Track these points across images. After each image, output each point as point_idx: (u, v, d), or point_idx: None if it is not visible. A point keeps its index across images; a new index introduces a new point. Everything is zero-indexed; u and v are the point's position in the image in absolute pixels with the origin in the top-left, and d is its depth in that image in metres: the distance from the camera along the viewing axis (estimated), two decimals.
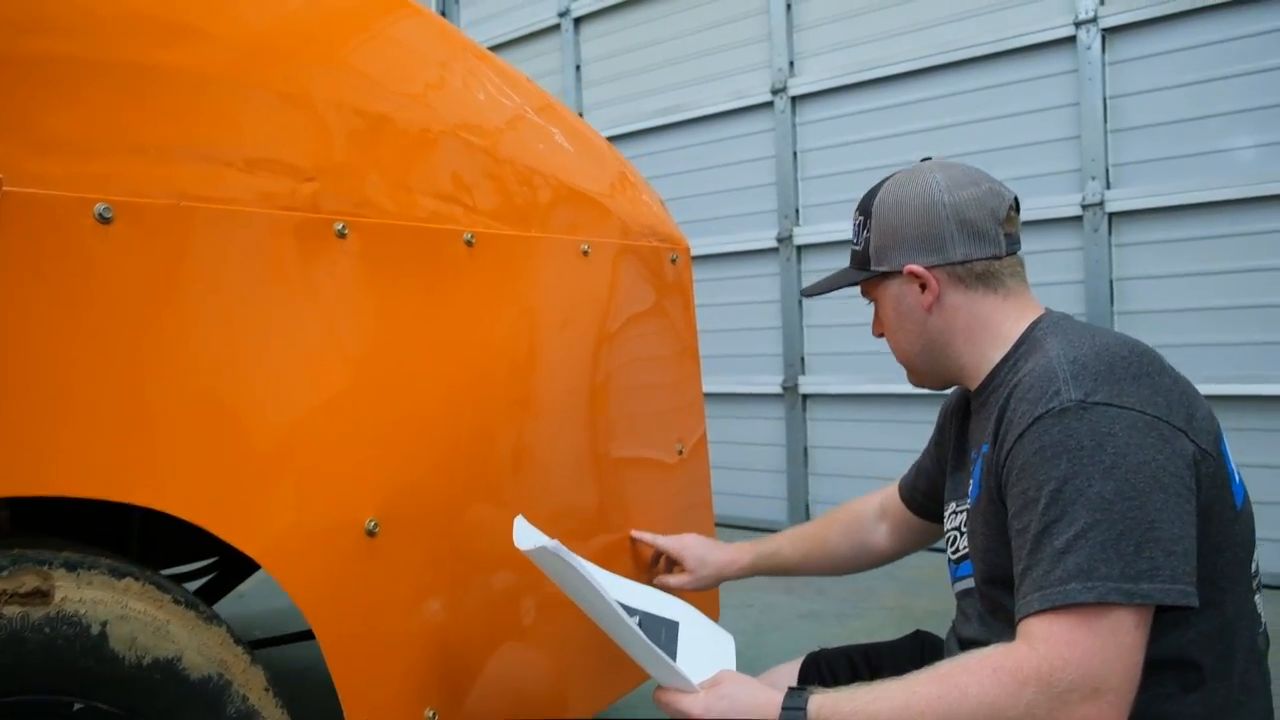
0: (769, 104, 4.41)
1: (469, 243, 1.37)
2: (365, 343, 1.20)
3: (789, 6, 4.32)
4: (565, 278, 1.56)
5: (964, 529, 1.21)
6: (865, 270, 1.21)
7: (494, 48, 5.66)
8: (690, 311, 1.89)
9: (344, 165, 1.20)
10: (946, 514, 1.28)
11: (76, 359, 0.91)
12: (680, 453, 1.82)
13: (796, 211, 4.37)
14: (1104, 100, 3.48)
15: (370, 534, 1.15)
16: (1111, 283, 3.50)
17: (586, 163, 1.73)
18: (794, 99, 4.33)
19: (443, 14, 5.91)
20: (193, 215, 1.01)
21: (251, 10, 1.15)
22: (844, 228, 4.11)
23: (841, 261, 1.30)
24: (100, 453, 0.92)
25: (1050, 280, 3.53)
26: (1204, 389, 1.07)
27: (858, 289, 1.26)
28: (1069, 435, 0.95)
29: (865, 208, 1.21)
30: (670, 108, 4.78)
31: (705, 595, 1.77)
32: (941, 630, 1.36)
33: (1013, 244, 1.16)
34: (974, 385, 1.19)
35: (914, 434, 3.93)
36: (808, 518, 4.37)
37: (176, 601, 0.97)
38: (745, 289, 4.54)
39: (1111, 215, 3.50)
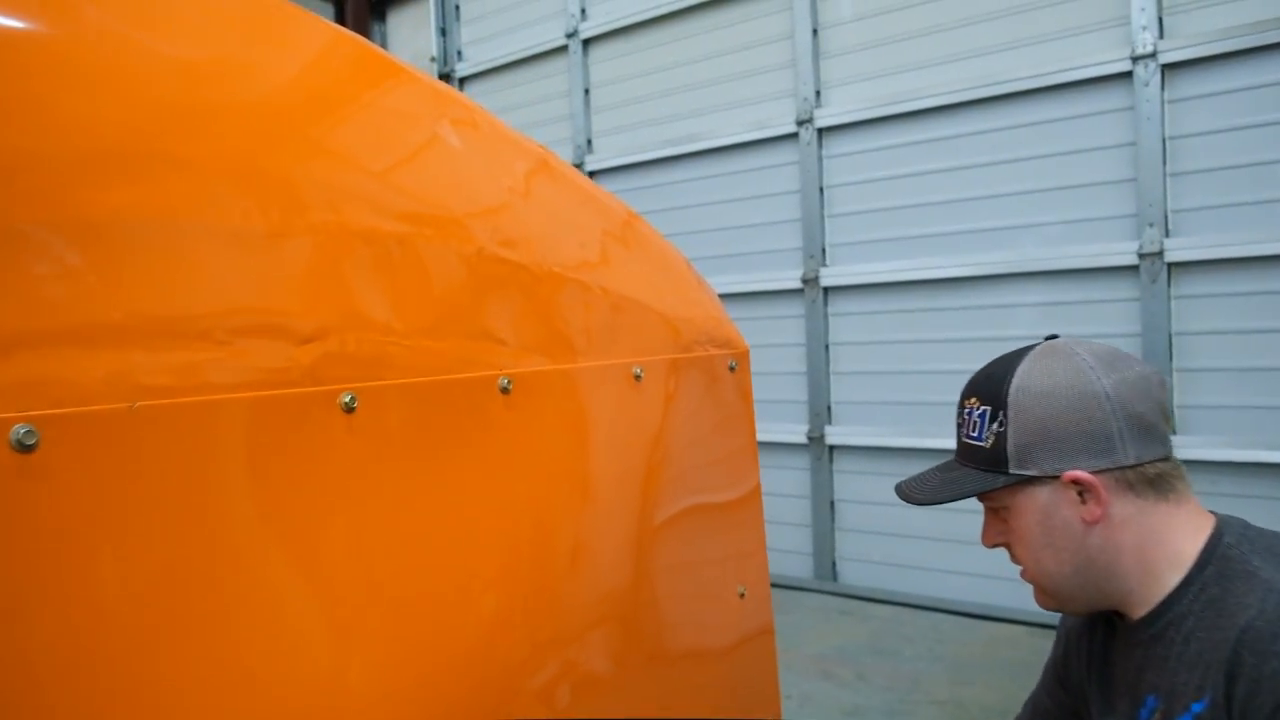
0: (794, 135, 4.16)
1: (505, 389, 1.11)
2: (377, 537, 0.94)
3: (815, 32, 4.07)
4: (618, 408, 1.30)
5: None
6: (1001, 472, 0.97)
7: (496, 70, 5.40)
8: (750, 423, 1.63)
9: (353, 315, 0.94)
10: None
11: None
12: (742, 595, 1.56)
13: (823, 251, 4.11)
14: (1163, 141, 3.24)
15: None
16: (1170, 337, 3.26)
17: (634, 258, 1.47)
18: (820, 131, 4.08)
19: (442, 34, 5.65)
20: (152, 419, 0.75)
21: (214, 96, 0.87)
22: (875, 270, 3.87)
23: (875, 304, 1.05)
24: None
25: (1103, 333, 3.28)
26: (1265, 456, 0.85)
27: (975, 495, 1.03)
28: None
29: (994, 395, 0.98)
30: (686, 136, 4.52)
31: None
32: None
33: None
34: (1138, 613, 0.97)
35: None
36: (834, 576, 4.12)
37: None
38: (767, 331, 4.28)
39: (1170, 265, 3.25)
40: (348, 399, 0.92)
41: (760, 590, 1.63)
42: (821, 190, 4.09)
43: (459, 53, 5.64)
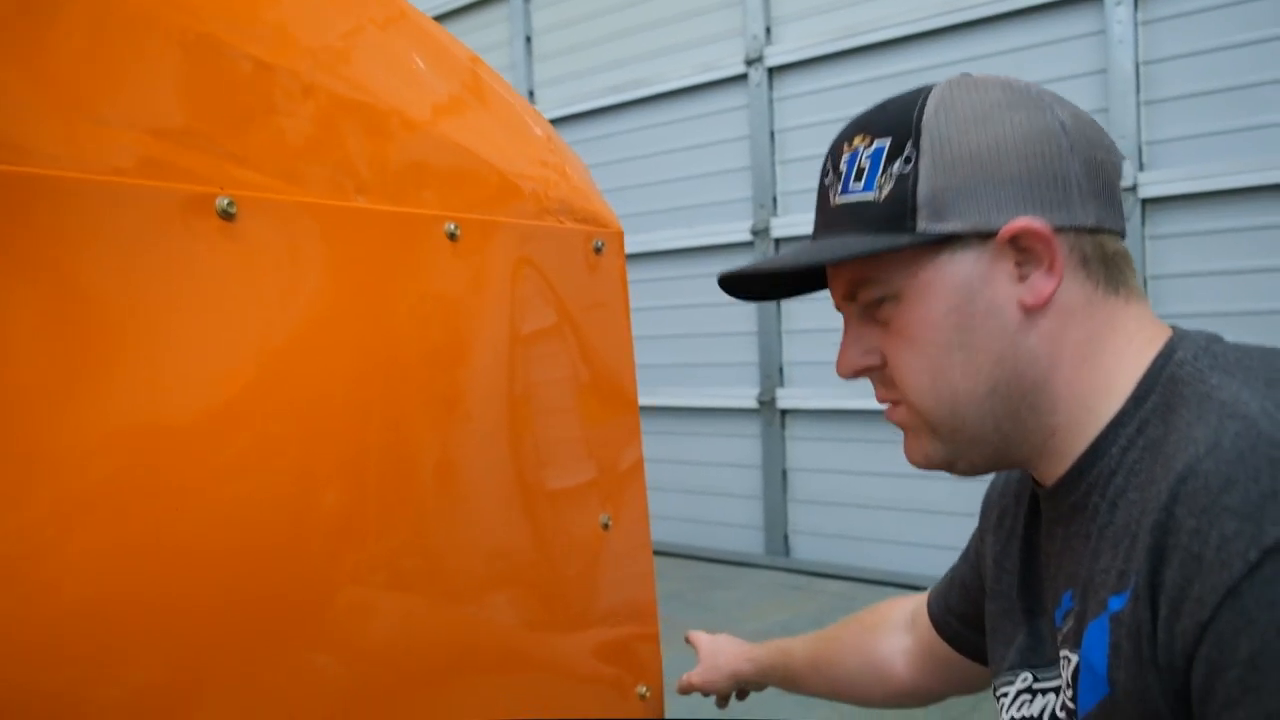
0: (743, 76, 3.90)
1: (226, 213, 0.81)
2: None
3: None
4: (415, 271, 1.00)
5: None
6: (904, 231, 0.63)
7: (435, 18, 5.11)
8: (623, 323, 1.33)
9: None
10: (1000, 689, 0.74)
11: None
12: (606, 526, 1.25)
13: (774, 200, 3.86)
14: (1135, 66, 3.00)
15: None
16: (1145, 281, 3.01)
17: (470, 103, 1.17)
18: (771, 70, 3.82)
19: None
20: None
21: None
22: None
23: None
24: None
25: None
26: None
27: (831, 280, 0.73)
28: None
29: (896, 124, 0.65)
30: (630, 82, 4.25)
31: None
32: None
33: None
34: (1057, 471, 0.66)
35: None
36: (787, 550, 3.85)
37: None
38: (716, 289, 3.99)
39: (1145, 201, 3.01)
40: None
41: (632, 529, 1.32)
42: (772, 135, 3.82)
43: None
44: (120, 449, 0.73)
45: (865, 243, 0.63)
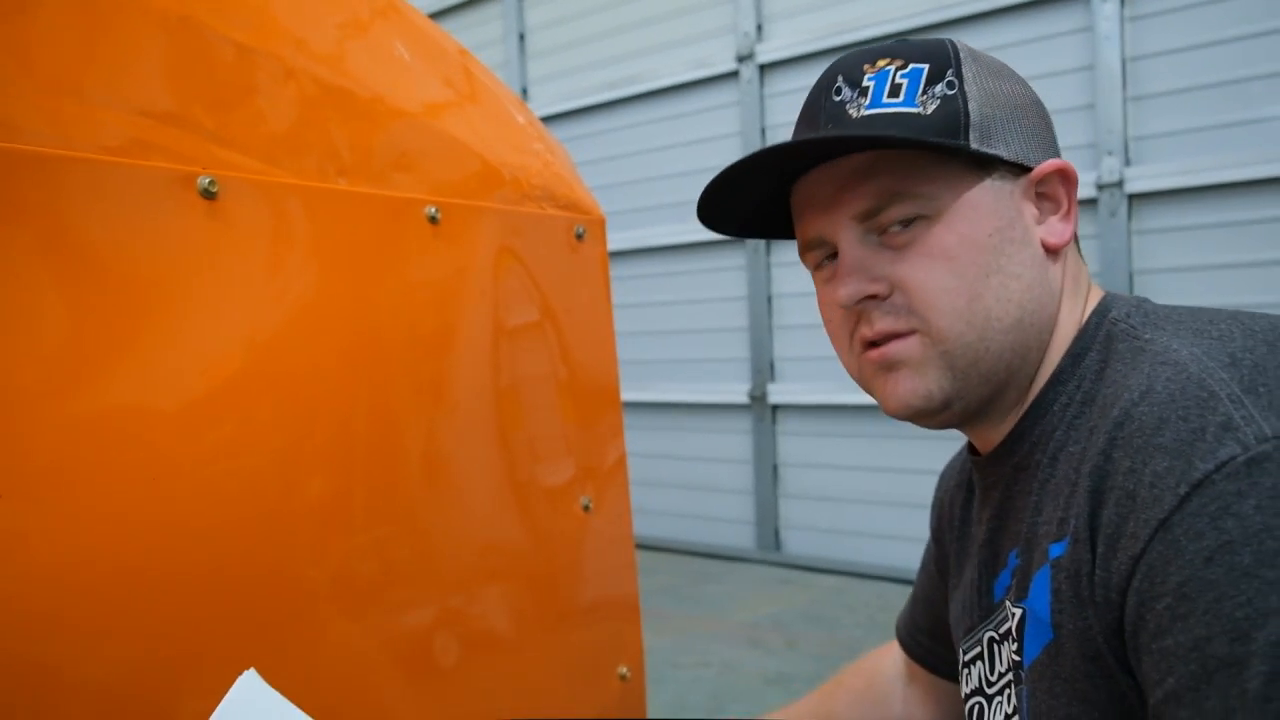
0: (734, 74, 3.89)
1: (207, 192, 0.83)
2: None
3: None
4: (397, 254, 1.01)
5: (1004, 693, 0.67)
6: (955, 139, 0.61)
7: (430, 16, 5.10)
8: (604, 309, 1.34)
9: None
10: (962, 664, 0.74)
11: None
12: (587, 508, 1.26)
13: None
14: (1122, 62, 2.99)
15: None
16: (1131, 275, 3.01)
17: (456, 91, 1.18)
18: (762, 67, 3.81)
19: None
20: None
21: None
22: None
23: None
24: None
25: None
26: None
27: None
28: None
29: (930, 53, 0.64)
30: (623, 79, 4.24)
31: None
32: None
33: None
34: (1001, 431, 0.67)
35: (900, 452, 3.43)
36: (778, 545, 3.85)
37: None
38: (707, 285, 4.01)
39: (1131, 197, 3.01)
40: None
41: (614, 517, 1.33)
42: (763, 131, 3.81)
43: None
44: (104, 427, 0.75)
45: (932, 139, 0.60)
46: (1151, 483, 0.51)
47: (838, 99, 0.64)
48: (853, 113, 0.62)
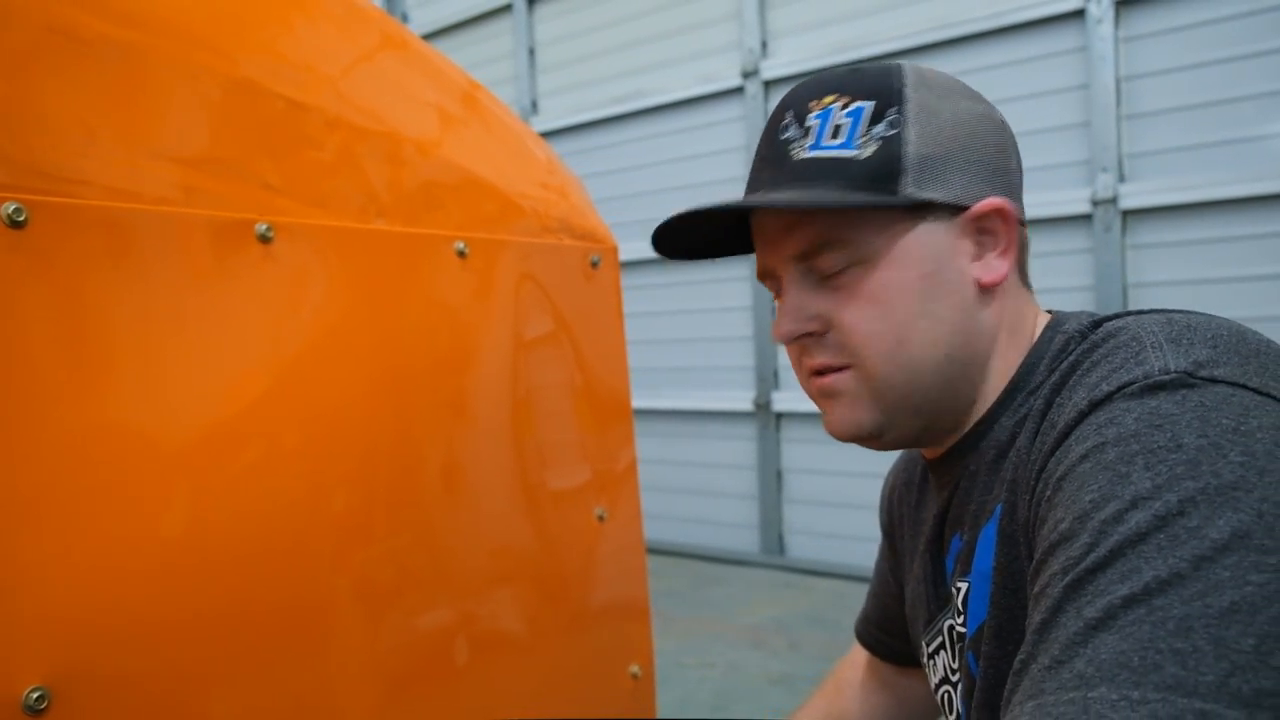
0: (739, 89, 3.97)
1: (265, 237, 0.92)
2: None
3: None
4: (429, 287, 1.10)
5: (963, 670, 0.69)
6: (885, 191, 0.62)
7: (441, 31, 5.19)
8: (617, 332, 1.43)
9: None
10: (927, 657, 0.77)
11: None
12: (601, 519, 1.35)
13: None
14: (1116, 82, 3.06)
15: None
16: (1125, 289, 3.08)
17: (473, 128, 1.27)
18: (767, 83, 3.89)
19: None
20: None
21: None
22: None
23: None
24: None
25: (1055, 286, 3.10)
26: None
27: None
28: (1165, 421, 0.50)
29: (877, 88, 0.64)
30: (630, 94, 4.33)
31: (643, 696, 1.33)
32: None
33: None
34: (949, 441, 0.70)
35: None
36: (782, 549, 3.93)
37: None
38: (713, 295, 4.09)
39: (1125, 213, 3.08)
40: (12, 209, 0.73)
41: (626, 525, 1.42)
42: None
43: (404, 15, 5.43)
44: (170, 452, 0.84)
45: (858, 197, 0.62)
46: (1068, 413, 0.56)
47: (783, 138, 0.65)
48: (795, 154, 0.64)
